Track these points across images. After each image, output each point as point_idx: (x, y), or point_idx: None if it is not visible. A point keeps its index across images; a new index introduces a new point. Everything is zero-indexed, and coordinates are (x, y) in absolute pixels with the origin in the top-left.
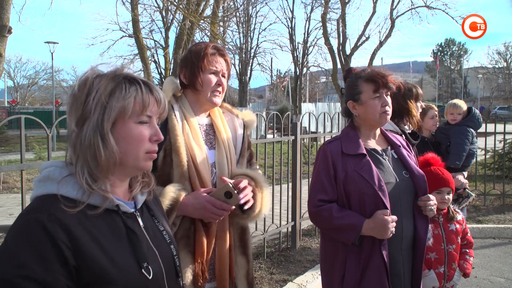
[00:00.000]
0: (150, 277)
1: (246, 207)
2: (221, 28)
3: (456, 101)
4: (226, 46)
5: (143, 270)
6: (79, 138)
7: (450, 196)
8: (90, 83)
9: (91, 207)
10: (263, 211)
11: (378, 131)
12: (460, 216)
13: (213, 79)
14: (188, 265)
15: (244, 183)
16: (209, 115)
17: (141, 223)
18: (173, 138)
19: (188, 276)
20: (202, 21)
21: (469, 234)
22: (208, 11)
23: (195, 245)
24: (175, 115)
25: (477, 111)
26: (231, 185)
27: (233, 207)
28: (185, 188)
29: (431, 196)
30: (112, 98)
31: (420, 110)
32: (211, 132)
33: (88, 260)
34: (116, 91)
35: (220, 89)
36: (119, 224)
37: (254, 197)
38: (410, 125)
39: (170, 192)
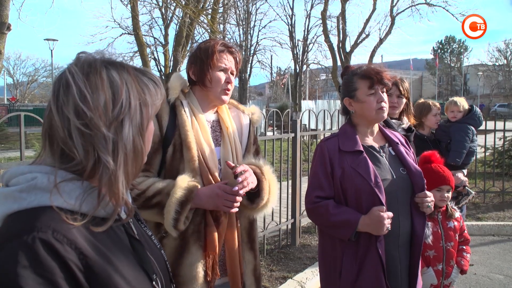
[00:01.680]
0: None
1: (242, 191)
2: (221, 25)
3: (456, 98)
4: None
5: (154, 283)
6: (122, 142)
7: (450, 194)
8: (109, 77)
9: (94, 219)
10: (271, 201)
11: (376, 128)
12: (457, 214)
13: (222, 76)
14: (199, 259)
15: (242, 167)
16: (216, 111)
17: (135, 231)
18: (184, 134)
19: (199, 271)
20: (201, 16)
21: (466, 231)
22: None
23: (206, 240)
24: (184, 110)
25: (478, 109)
26: (238, 167)
27: (243, 192)
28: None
29: (428, 192)
30: (146, 96)
31: (403, 106)
32: (218, 129)
33: (101, 281)
34: (144, 88)
35: (229, 86)
36: (119, 233)
37: (261, 184)
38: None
39: (184, 183)
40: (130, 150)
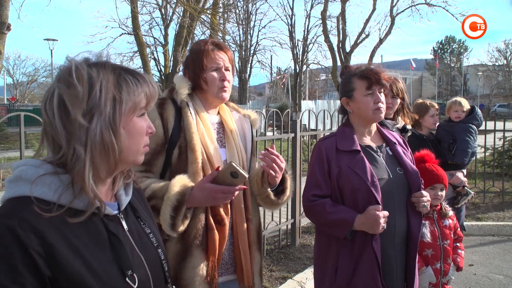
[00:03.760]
0: (135, 286)
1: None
2: (221, 25)
3: (459, 98)
4: (226, 42)
5: (127, 279)
6: (90, 134)
7: (443, 193)
8: (88, 73)
9: (71, 211)
10: (286, 200)
11: (374, 128)
12: (451, 212)
13: (216, 75)
14: (202, 262)
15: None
16: (218, 113)
17: (125, 226)
18: (189, 136)
19: (202, 273)
20: (202, 14)
21: (459, 229)
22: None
23: (207, 243)
24: (190, 112)
25: (478, 109)
26: (235, 165)
27: (244, 186)
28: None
29: (424, 192)
30: (122, 92)
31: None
32: (221, 131)
33: (64, 270)
34: (122, 84)
35: (226, 83)
36: (99, 228)
37: (286, 182)
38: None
39: (177, 187)
40: (98, 142)
